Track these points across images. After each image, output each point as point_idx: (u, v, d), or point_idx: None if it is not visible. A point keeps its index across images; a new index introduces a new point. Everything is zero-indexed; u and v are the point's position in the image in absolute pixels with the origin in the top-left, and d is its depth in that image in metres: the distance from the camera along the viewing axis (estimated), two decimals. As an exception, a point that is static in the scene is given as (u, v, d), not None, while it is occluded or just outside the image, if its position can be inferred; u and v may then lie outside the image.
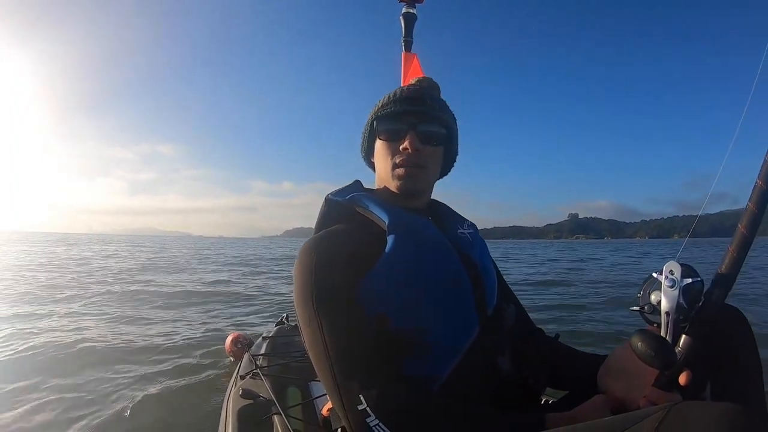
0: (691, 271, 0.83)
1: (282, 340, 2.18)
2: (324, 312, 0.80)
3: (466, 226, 1.03)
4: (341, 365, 0.77)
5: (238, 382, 1.65)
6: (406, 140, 0.93)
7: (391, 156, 0.95)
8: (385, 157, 0.96)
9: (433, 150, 0.96)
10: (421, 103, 0.95)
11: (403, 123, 0.94)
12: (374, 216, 0.92)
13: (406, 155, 0.93)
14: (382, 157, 0.97)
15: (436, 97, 0.99)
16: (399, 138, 0.94)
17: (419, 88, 0.98)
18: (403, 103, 0.95)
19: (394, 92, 0.98)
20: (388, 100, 0.97)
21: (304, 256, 0.86)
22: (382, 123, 0.96)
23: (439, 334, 0.84)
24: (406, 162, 0.93)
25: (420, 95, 0.96)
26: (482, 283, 0.93)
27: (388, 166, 0.95)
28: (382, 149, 0.97)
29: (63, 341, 3.82)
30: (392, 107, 0.95)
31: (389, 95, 0.98)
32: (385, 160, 0.96)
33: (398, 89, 0.98)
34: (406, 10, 2.00)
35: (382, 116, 0.96)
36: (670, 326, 0.81)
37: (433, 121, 0.96)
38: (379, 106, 0.98)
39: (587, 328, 4.67)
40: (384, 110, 0.96)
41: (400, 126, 0.94)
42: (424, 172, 0.96)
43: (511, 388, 0.91)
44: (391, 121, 0.95)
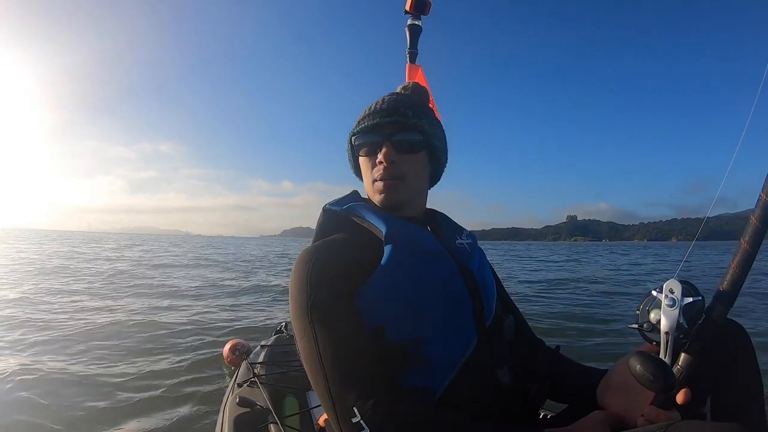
0: (691, 289, 0.82)
1: (280, 349, 2.17)
2: (319, 323, 0.79)
3: (464, 236, 1.02)
4: (335, 377, 0.76)
5: (235, 390, 1.64)
6: (380, 153, 0.92)
7: (371, 170, 0.95)
8: (366, 173, 0.96)
9: (412, 158, 0.94)
10: (394, 113, 0.93)
11: (378, 135, 0.93)
12: (371, 226, 0.91)
13: (382, 168, 0.92)
14: (364, 172, 0.98)
15: (412, 103, 0.97)
16: (376, 151, 0.94)
17: (394, 98, 0.97)
18: (376, 115, 0.94)
19: (370, 106, 0.97)
20: (363, 115, 0.97)
21: (300, 265, 0.86)
22: (358, 139, 0.97)
23: (436, 346, 0.83)
24: (384, 175, 0.92)
25: (394, 105, 0.94)
26: (480, 294, 0.92)
27: (369, 181, 0.96)
28: (363, 165, 0.97)
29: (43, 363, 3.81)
30: (366, 121, 0.94)
31: (365, 109, 0.97)
32: (366, 176, 0.97)
33: (375, 102, 0.98)
34: (412, 21, 2.02)
35: (358, 132, 0.96)
36: (669, 346, 0.80)
37: (408, 129, 0.94)
38: (356, 122, 0.98)
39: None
40: (359, 126, 0.96)
41: (376, 139, 0.94)
42: (403, 184, 0.94)
43: (510, 401, 0.90)
44: (366, 135, 0.95)
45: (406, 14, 2.02)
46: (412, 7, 1.97)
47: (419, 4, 1.96)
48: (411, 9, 1.97)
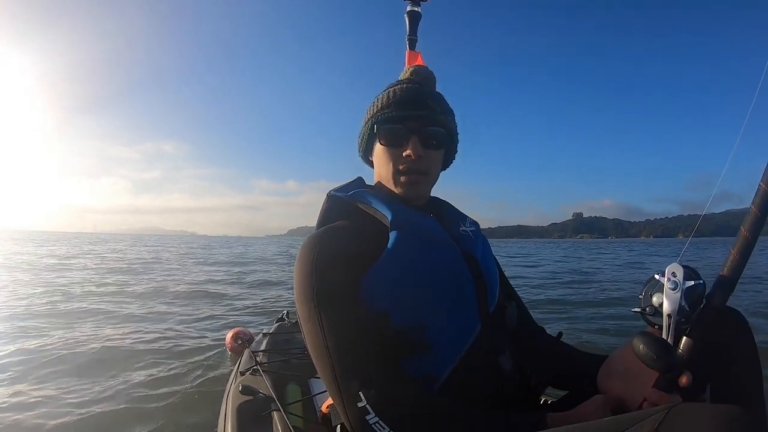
0: (693, 273, 0.83)
1: (282, 337, 2.18)
2: (324, 308, 0.79)
3: (468, 223, 1.03)
4: (341, 362, 0.76)
5: (237, 378, 1.65)
6: (408, 147, 0.91)
7: (393, 162, 0.93)
8: (387, 163, 0.94)
9: (436, 153, 0.95)
10: (423, 107, 0.93)
11: (404, 127, 0.92)
12: (377, 212, 0.91)
13: (409, 162, 0.92)
14: (383, 161, 0.95)
15: (436, 96, 0.97)
16: (401, 143, 0.92)
17: (419, 89, 0.96)
18: (404, 106, 0.92)
19: (392, 91, 0.95)
20: (387, 101, 0.94)
21: (305, 251, 0.86)
22: (383, 127, 0.94)
23: (440, 332, 0.84)
24: (410, 169, 0.92)
25: (421, 97, 0.94)
26: (484, 281, 0.92)
27: (390, 171, 0.94)
28: (384, 154, 0.95)
29: (63, 342, 3.83)
30: (393, 111, 0.92)
31: (387, 95, 0.95)
32: (387, 165, 0.94)
33: (396, 89, 0.95)
34: (411, 8, 2.00)
35: (383, 120, 0.93)
36: (671, 328, 0.81)
37: (435, 124, 0.94)
38: (378, 108, 0.95)
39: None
40: (384, 113, 0.93)
41: (402, 131, 0.92)
42: (426, 179, 0.95)
43: (512, 387, 0.91)
44: (392, 125, 0.93)
45: (405, 0, 1.99)
46: (412, -7, 1.94)
47: (419, -11, 1.94)
48: (410, -5, 1.95)
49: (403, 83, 0.98)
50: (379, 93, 0.99)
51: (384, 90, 0.98)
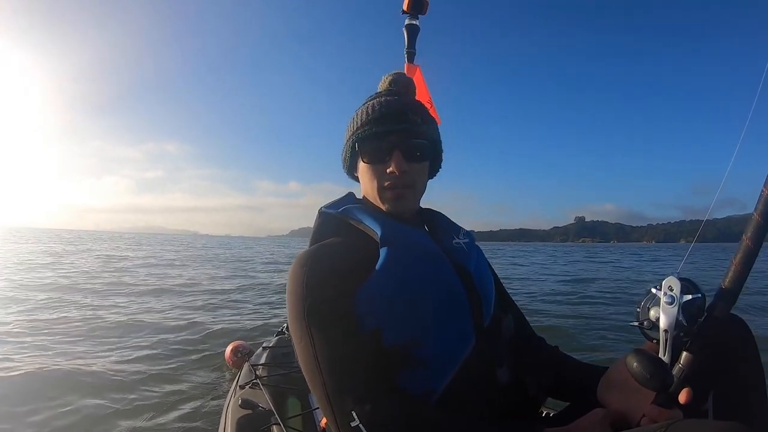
0: (691, 286, 0.82)
1: (282, 351, 2.17)
2: (315, 327, 0.79)
3: (461, 235, 1.01)
4: (333, 381, 0.76)
5: (237, 392, 1.65)
6: (391, 163, 0.90)
7: (377, 179, 0.93)
8: (371, 180, 0.94)
9: (421, 166, 0.94)
10: (403, 120, 0.92)
11: (386, 143, 0.91)
12: (367, 228, 0.90)
13: (393, 178, 0.91)
14: (367, 178, 0.95)
15: (416, 106, 0.96)
16: (383, 160, 0.91)
17: (398, 100, 0.95)
18: (384, 122, 0.91)
19: (370, 106, 0.94)
20: (366, 117, 0.93)
21: (296, 269, 0.85)
22: (363, 145, 0.93)
23: (434, 347, 0.83)
24: (395, 185, 0.92)
25: (401, 109, 0.93)
26: (478, 294, 0.92)
27: (375, 188, 0.93)
28: (367, 171, 0.94)
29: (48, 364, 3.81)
30: (373, 127, 0.91)
31: (366, 111, 0.94)
32: (371, 183, 0.94)
33: (374, 102, 0.94)
34: (409, 21, 2.02)
35: (364, 137, 0.92)
36: (668, 344, 0.79)
37: (417, 136, 0.93)
38: (358, 125, 0.94)
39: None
40: (365, 131, 0.92)
41: (384, 147, 0.91)
42: (412, 192, 0.94)
43: (510, 400, 0.90)
44: (374, 141, 0.92)
45: (403, 14, 2.02)
46: (410, 7, 1.97)
47: (417, 3, 1.96)
48: (408, 9, 1.97)
49: (382, 96, 0.97)
50: (358, 107, 0.98)
51: (363, 104, 0.97)
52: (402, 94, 0.99)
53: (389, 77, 1.02)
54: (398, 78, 1.02)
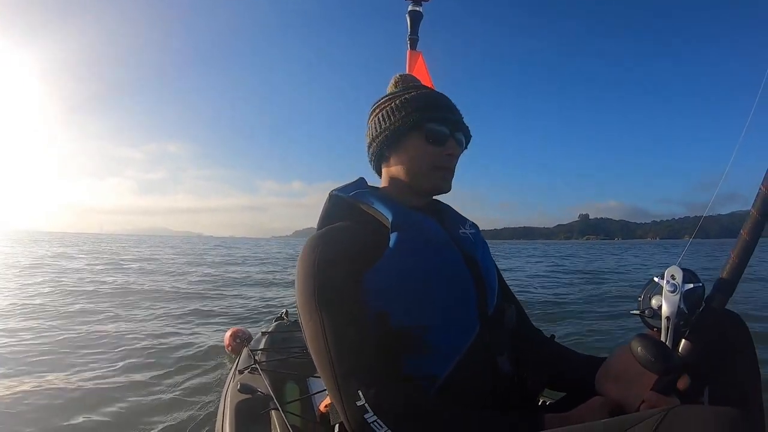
0: (692, 276, 0.83)
1: (281, 336, 2.18)
2: (326, 308, 0.80)
3: (468, 226, 1.03)
4: (341, 361, 0.77)
5: (236, 377, 1.65)
6: (449, 146, 0.95)
7: (433, 159, 0.95)
8: (422, 158, 0.95)
9: (460, 155, 1.00)
10: (457, 112, 0.99)
11: (449, 127, 0.96)
12: (378, 213, 0.91)
13: (447, 160, 0.96)
14: (417, 157, 0.96)
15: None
16: (443, 142, 0.95)
17: (446, 96, 1.01)
18: (448, 110, 0.98)
19: (432, 94, 1.00)
20: (436, 103, 0.97)
21: (307, 251, 0.86)
22: (430, 126, 0.95)
23: (439, 333, 0.85)
24: (447, 166, 0.96)
25: (453, 104, 1.00)
26: (484, 283, 0.93)
27: (425, 166, 0.95)
28: (421, 150, 0.95)
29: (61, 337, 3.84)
30: (443, 113, 0.96)
31: (431, 97, 0.99)
32: (423, 161, 0.95)
33: (434, 93, 1.00)
34: (413, 8, 2.00)
35: (431, 119, 0.95)
36: (670, 331, 0.81)
37: (465, 128, 1.00)
38: (423, 106, 0.96)
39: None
40: (435, 114, 0.96)
41: (446, 131, 0.96)
42: (452, 176, 0.99)
43: (509, 388, 0.91)
44: (440, 125, 0.96)
45: (406, 0, 2.00)
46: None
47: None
48: (412, -5, 1.95)
49: (425, 88, 1.03)
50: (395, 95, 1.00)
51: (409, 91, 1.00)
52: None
53: (403, 76, 1.08)
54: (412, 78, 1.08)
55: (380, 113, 0.99)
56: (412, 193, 0.98)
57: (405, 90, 1.01)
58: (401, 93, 1.00)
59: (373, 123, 1.00)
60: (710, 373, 0.83)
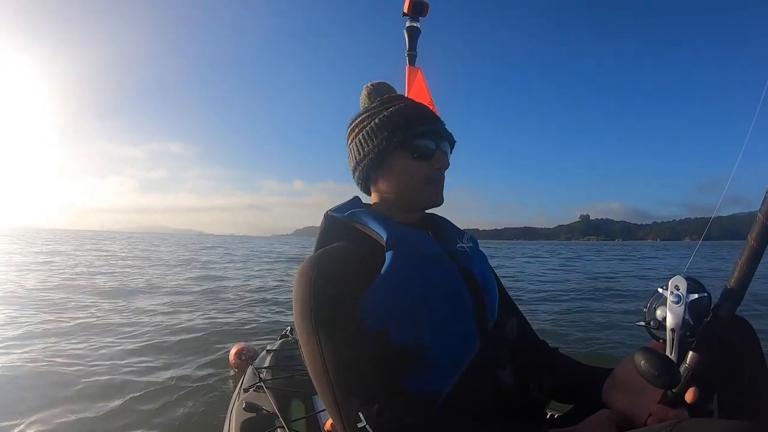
0: (697, 286, 0.82)
1: (286, 354, 2.17)
2: (322, 329, 0.80)
3: (465, 239, 1.03)
4: (340, 382, 0.77)
5: (241, 395, 1.65)
6: (438, 159, 0.95)
7: (423, 174, 0.95)
8: (410, 175, 0.95)
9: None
10: (440, 121, 0.99)
11: (433, 140, 0.96)
12: (373, 232, 0.91)
13: (437, 174, 0.96)
14: (406, 175, 0.95)
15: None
16: (431, 156, 0.95)
17: (422, 105, 1.01)
18: (431, 122, 0.97)
19: (417, 108, 0.99)
20: (418, 117, 0.96)
21: (303, 273, 0.86)
22: (418, 142, 0.95)
23: (439, 350, 0.84)
24: (438, 180, 0.96)
25: (434, 113, 0.99)
26: (482, 297, 0.93)
27: (417, 182, 0.95)
28: (409, 168, 0.95)
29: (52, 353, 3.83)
30: (426, 126, 0.95)
31: (414, 111, 0.97)
32: (410, 178, 0.95)
33: (413, 105, 0.99)
34: (410, 24, 2.03)
35: (421, 134, 0.95)
36: (675, 343, 0.79)
37: (449, 136, 1.00)
38: (407, 124, 0.95)
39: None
40: (419, 128, 0.95)
41: (431, 145, 0.95)
42: (443, 188, 0.99)
43: (513, 402, 0.90)
44: (424, 140, 0.95)
45: (404, 16, 2.02)
46: (410, 10, 1.97)
47: (417, 6, 1.96)
48: (409, 11, 1.98)
49: (404, 101, 1.01)
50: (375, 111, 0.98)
51: (384, 108, 0.98)
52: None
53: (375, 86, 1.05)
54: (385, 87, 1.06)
55: (360, 135, 0.98)
56: (405, 209, 0.98)
57: (382, 105, 0.99)
58: (379, 109, 0.98)
59: (354, 146, 0.99)
60: (719, 381, 0.82)
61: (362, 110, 1.01)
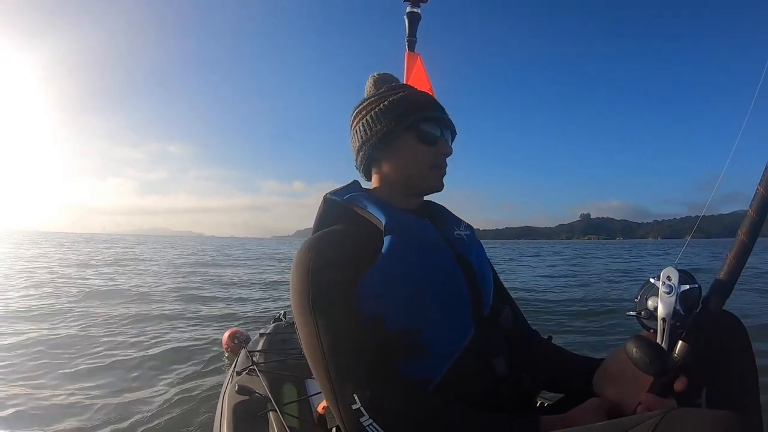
0: (688, 277, 0.83)
1: (279, 337, 2.18)
2: (320, 311, 0.80)
3: (462, 227, 1.03)
4: (336, 365, 0.77)
5: (234, 378, 1.65)
6: (442, 145, 0.97)
7: (427, 159, 0.96)
8: (416, 158, 0.96)
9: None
10: (445, 111, 1.01)
11: (440, 127, 0.98)
12: (372, 216, 0.91)
13: (440, 159, 0.97)
14: (412, 158, 0.96)
15: None
16: (435, 142, 0.97)
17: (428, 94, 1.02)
18: (439, 110, 0.99)
19: (424, 95, 1.01)
20: (426, 103, 0.98)
21: (301, 256, 0.86)
22: (424, 126, 0.96)
23: (434, 336, 0.85)
24: (442, 165, 0.98)
25: (440, 104, 1.01)
26: (478, 285, 0.93)
27: (422, 167, 0.96)
28: (415, 150, 0.96)
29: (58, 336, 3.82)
30: (435, 113, 0.97)
31: (423, 97, 1.00)
32: (416, 161, 0.96)
33: (420, 92, 1.01)
34: (411, 9, 2.01)
35: (429, 119, 0.97)
36: (666, 332, 0.81)
37: (452, 127, 1.02)
38: (416, 108, 0.96)
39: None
40: (427, 113, 0.97)
41: (437, 131, 0.97)
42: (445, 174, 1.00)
43: (506, 390, 0.91)
44: (432, 125, 0.97)
45: (405, 1, 2.00)
46: (412, -6, 1.95)
47: (418, -9, 1.94)
48: (410, -4, 1.95)
49: (410, 89, 1.03)
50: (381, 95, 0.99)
51: (396, 92, 0.99)
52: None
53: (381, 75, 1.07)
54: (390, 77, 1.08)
55: (367, 116, 0.98)
56: (406, 194, 0.99)
57: (390, 90, 1.00)
58: (387, 94, 0.99)
59: (361, 126, 0.99)
60: (708, 374, 0.83)
61: (370, 95, 1.02)
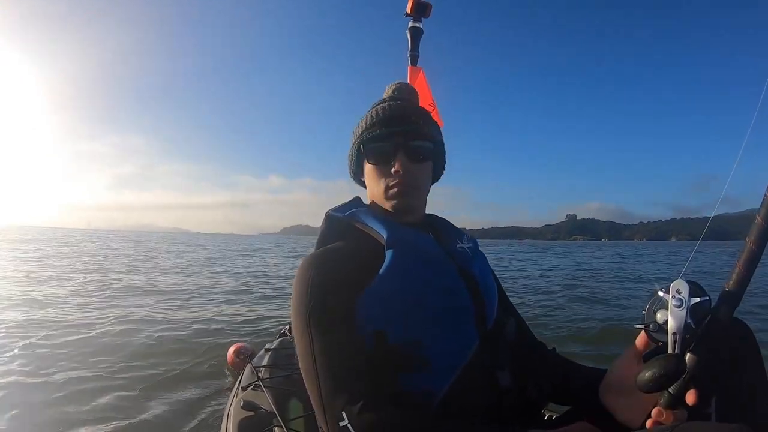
0: (698, 289, 0.81)
1: (284, 352, 2.17)
2: (316, 328, 0.81)
3: (465, 240, 1.03)
4: (327, 381, 0.78)
5: (239, 394, 1.65)
6: (396, 163, 0.93)
7: (383, 179, 0.95)
8: (377, 181, 0.96)
9: (424, 166, 0.97)
10: (407, 121, 0.95)
11: (390, 144, 0.94)
12: (373, 231, 0.92)
13: (398, 178, 0.94)
14: (373, 180, 0.97)
15: (419, 111, 1.00)
16: (388, 160, 0.94)
17: (400, 105, 0.98)
18: (388, 123, 0.95)
19: (374, 111, 0.97)
20: (371, 121, 0.96)
21: (301, 273, 0.87)
22: (369, 147, 0.96)
23: (438, 349, 0.84)
24: (399, 184, 0.94)
25: (404, 113, 0.96)
26: (481, 297, 0.93)
27: (381, 188, 0.96)
28: (373, 173, 0.97)
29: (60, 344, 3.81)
30: (378, 129, 0.95)
31: (371, 115, 0.97)
32: (377, 183, 0.96)
33: (379, 108, 0.98)
34: (413, 24, 2.03)
35: (369, 140, 0.96)
36: (677, 347, 0.79)
37: (420, 137, 0.96)
38: (363, 128, 0.97)
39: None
40: (369, 133, 0.95)
41: (388, 147, 0.94)
42: (416, 191, 0.97)
43: (511, 402, 0.90)
44: (378, 144, 0.95)
45: (407, 17, 2.02)
46: (413, 10, 1.97)
47: (420, 6, 1.97)
48: (412, 11, 1.98)
49: (385, 101, 1.01)
50: (363, 114, 1.01)
51: (368, 110, 1.00)
52: (405, 99, 1.02)
53: (393, 85, 1.06)
54: (402, 86, 1.06)
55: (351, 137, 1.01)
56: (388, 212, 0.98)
57: (372, 106, 1.00)
58: (365, 114, 1.00)
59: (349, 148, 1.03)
60: (716, 383, 0.82)
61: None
